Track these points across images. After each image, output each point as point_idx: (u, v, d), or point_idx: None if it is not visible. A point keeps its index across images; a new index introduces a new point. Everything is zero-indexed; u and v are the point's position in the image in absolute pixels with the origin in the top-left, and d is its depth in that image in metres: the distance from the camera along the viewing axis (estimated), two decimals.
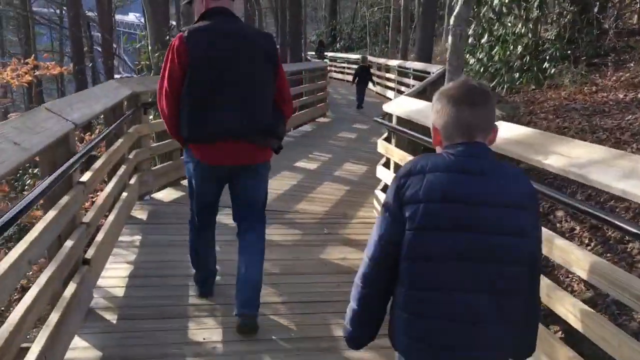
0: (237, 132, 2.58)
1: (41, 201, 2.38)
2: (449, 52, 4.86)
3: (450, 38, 4.81)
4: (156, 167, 5.43)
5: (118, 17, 34.39)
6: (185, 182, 4.62)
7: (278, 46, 11.47)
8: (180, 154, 5.20)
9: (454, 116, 1.41)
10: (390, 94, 14.91)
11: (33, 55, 12.95)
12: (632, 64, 8.31)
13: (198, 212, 2.89)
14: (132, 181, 4.69)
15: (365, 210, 5.03)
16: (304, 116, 10.30)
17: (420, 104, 4.21)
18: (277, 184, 5.68)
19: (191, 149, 2.69)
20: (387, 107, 4.76)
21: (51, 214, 2.36)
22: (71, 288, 2.60)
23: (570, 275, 3.43)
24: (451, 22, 4.76)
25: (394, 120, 4.52)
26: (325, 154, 7.69)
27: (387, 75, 15.62)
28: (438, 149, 1.49)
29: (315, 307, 3.12)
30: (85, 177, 3.03)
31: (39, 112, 2.62)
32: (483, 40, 10.89)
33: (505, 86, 9.05)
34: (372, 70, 14.89)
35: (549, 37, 9.20)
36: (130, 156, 4.65)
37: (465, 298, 1.36)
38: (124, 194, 4.25)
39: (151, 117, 7.81)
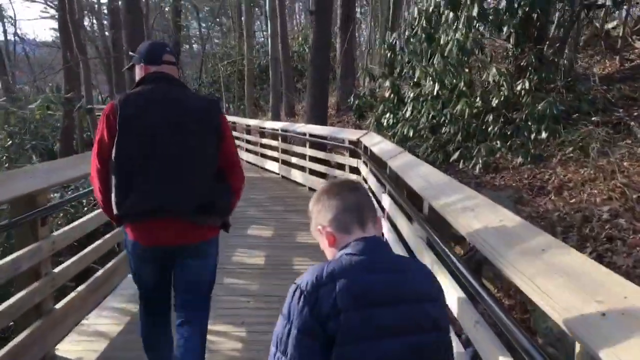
0: (169, 208, 2.25)
1: None
2: None
3: None
4: None
5: None
6: None
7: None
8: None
9: (341, 203, 1.39)
10: (272, 165, 11.35)
11: None
12: None
13: (143, 294, 2.55)
14: None
15: None
16: None
17: None
18: None
19: (126, 227, 2.39)
20: None
21: None
22: None
23: None
24: None
25: None
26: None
27: (264, 141, 12.06)
28: (331, 253, 1.42)
29: None
30: None
31: None
32: (411, 95, 7.94)
33: (481, 160, 6.01)
34: (237, 134, 13.79)
35: (521, 88, 6.45)
36: None
37: None
38: None
39: None
